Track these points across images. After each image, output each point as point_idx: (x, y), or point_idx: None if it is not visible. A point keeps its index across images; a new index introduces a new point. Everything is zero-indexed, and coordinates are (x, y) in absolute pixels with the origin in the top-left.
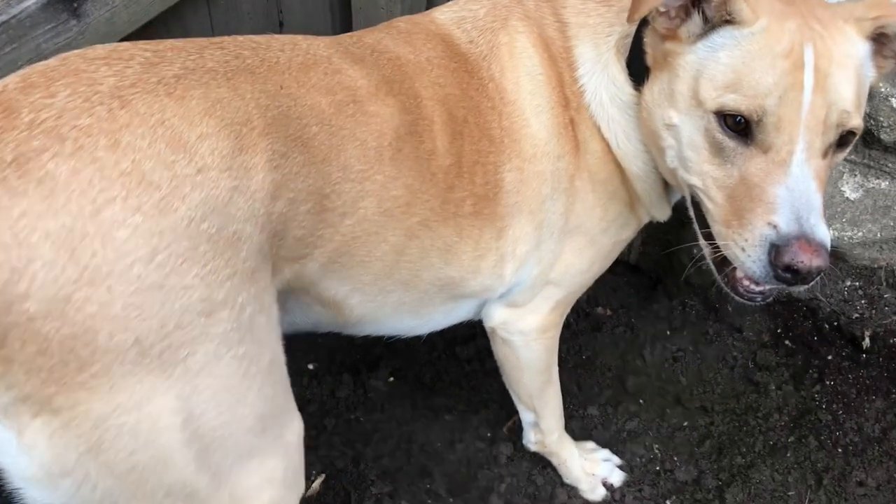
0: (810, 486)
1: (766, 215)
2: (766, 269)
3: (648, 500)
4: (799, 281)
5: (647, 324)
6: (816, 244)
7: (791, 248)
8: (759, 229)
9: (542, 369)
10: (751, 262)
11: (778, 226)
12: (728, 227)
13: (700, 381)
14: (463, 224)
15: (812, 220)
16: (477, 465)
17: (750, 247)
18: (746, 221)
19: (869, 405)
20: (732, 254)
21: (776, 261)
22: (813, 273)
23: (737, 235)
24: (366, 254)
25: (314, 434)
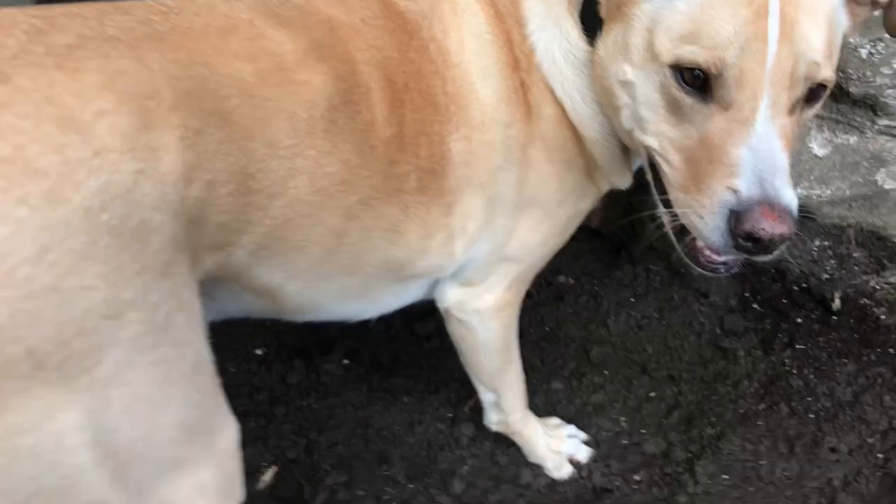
0: (782, 455)
1: (726, 179)
2: (726, 237)
3: (616, 475)
4: (761, 250)
5: (611, 291)
6: (781, 209)
7: (752, 215)
8: (718, 194)
9: (500, 349)
10: (709, 231)
11: (739, 190)
12: (686, 193)
13: (666, 349)
14: (408, 201)
15: (776, 184)
16: (437, 448)
17: (708, 214)
18: (705, 186)
19: (840, 369)
20: (690, 222)
21: (736, 228)
22: (776, 241)
23: (694, 202)
24: (301, 238)
25: (264, 424)
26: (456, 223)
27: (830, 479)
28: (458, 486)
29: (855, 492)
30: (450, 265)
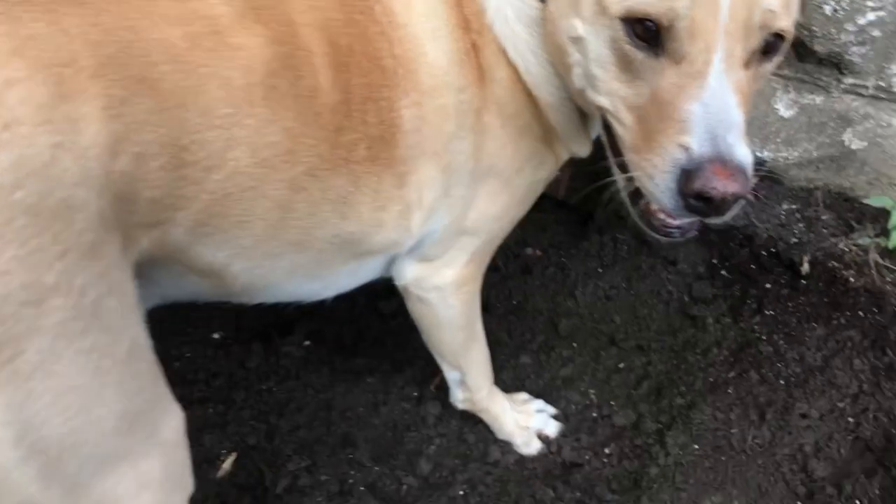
0: (753, 422)
1: (677, 136)
2: (676, 198)
3: (586, 449)
4: (713, 211)
5: (578, 262)
6: (733, 167)
7: (703, 173)
8: (668, 152)
9: (463, 325)
10: (660, 192)
11: (689, 147)
12: (637, 154)
13: (635, 318)
14: (358, 171)
15: (729, 140)
16: (403, 428)
17: (659, 173)
18: (656, 145)
19: (810, 333)
20: (642, 183)
21: (686, 188)
22: (729, 201)
23: (645, 162)
24: (243, 213)
25: (222, 410)
26: (411, 194)
27: (802, 445)
28: (425, 467)
29: (826, 457)
30: (407, 240)
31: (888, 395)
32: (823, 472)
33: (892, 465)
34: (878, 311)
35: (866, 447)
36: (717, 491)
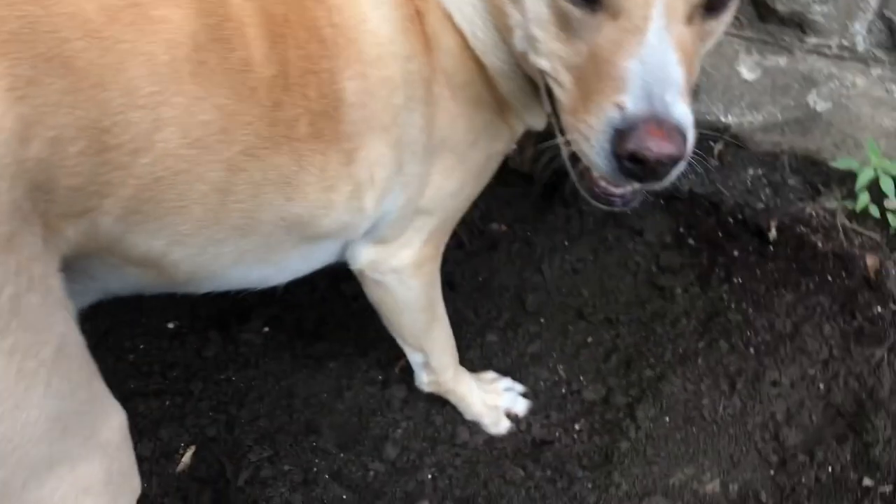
0: (723, 393)
1: (613, 95)
2: (611, 160)
3: (556, 425)
4: (649, 174)
5: (544, 236)
6: (669, 127)
7: (637, 133)
8: (603, 111)
9: (424, 307)
10: (595, 154)
11: (624, 106)
12: (574, 115)
13: (602, 291)
14: (301, 149)
15: (667, 99)
16: (369, 413)
17: (594, 134)
18: (592, 105)
19: (779, 300)
20: (578, 146)
21: (620, 148)
22: (664, 163)
23: (581, 123)
24: (177, 198)
25: (180, 402)
26: (361, 173)
27: (773, 413)
28: (392, 451)
29: (798, 424)
30: (361, 221)
31: (858, 360)
32: (795, 439)
33: (864, 431)
34: (847, 275)
35: (837, 413)
36: (689, 463)
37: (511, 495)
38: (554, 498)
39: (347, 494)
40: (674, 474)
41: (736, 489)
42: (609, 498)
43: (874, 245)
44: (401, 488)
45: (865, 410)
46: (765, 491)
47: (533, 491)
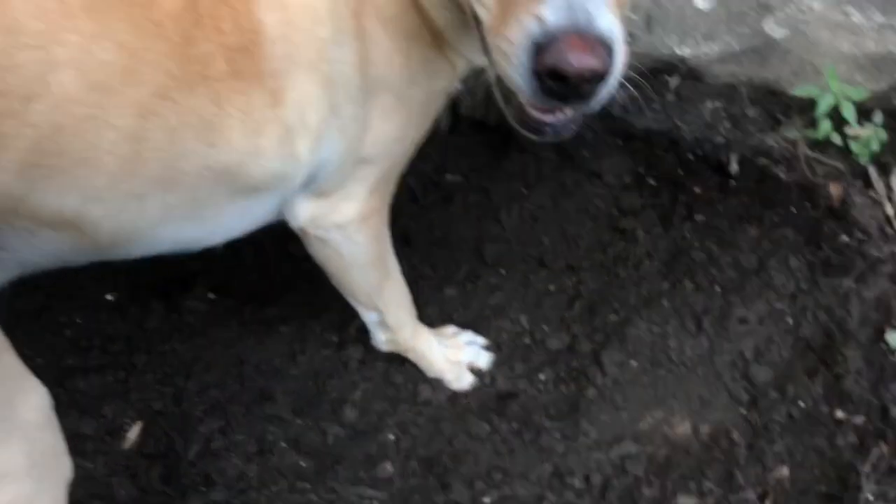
0: (690, 333)
1: (532, 6)
2: (531, 78)
3: (521, 376)
4: (573, 94)
5: (501, 185)
6: (591, 39)
7: (556, 45)
8: (522, 25)
9: (373, 263)
10: (515, 73)
11: (543, 18)
12: (496, 34)
13: (563, 238)
14: (220, 90)
15: (589, 8)
16: (325, 376)
17: (513, 51)
18: (511, 19)
19: (743, 235)
20: (500, 67)
21: (539, 64)
22: (587, 79)
23: (502, 41)
24: (85, 148)
25: (123, 377)
26: (291, 116)
27: (742, 351)
28: (352, 414)
29: (767, 361)
30: (296, 170)
31: (826, 292)
32: (765, 376)
33: (834, 363)
34: (811, 205)
35: (807, 347)
36: (658, 406)
37: (477, 451)
38: (521, 451)
39: (306, 461)
40: (643, 419)
41: (707, 430)
42: (578, 447)
43: (837, 174)
44: (362, 451)
45: (835, 342)
46: (736, 430)
47: (500, 445)
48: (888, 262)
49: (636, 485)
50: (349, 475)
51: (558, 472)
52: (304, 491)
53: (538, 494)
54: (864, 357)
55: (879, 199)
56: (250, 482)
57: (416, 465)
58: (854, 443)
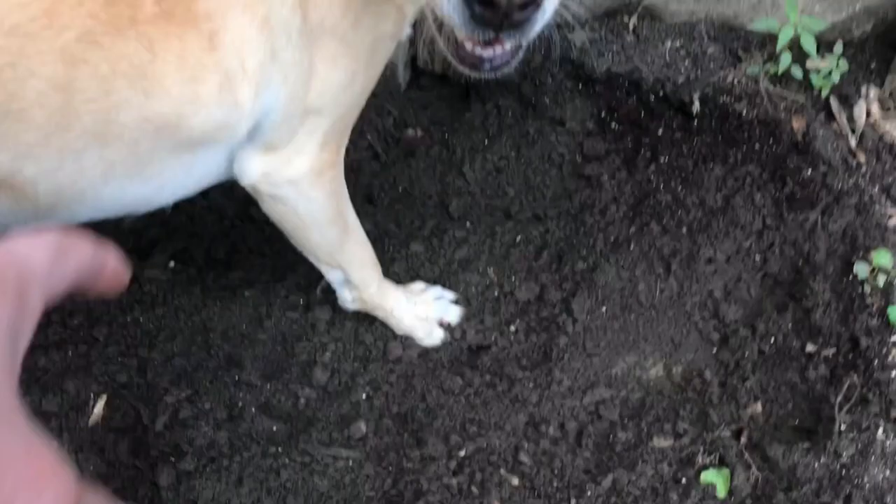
0: (659, 275)
1: None
2: (461, 7)
3: (491, 329)
4: (504, 22)
5: (463, 137)
6: None
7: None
8: None
9: (332, 219)
10: (445, 2)
11: None
12: None
13: (528, 188)
14: (151, 34)
15: None
16: (293, 339)
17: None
18: None
19: (708, 174)
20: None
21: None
22: (517, 5)
23: None
24: (9, 100)
25: (85, 351)
26: (229, 60)
27: (711, 290)
28: (322, 376)
29: (737, 299)
30: (238, 120)
31: (792, 227)
32: (735, 314)
33: (803, 297)
34: (775, 141)
35: (775, 282)
36: (630, 351)
37: (451, 405)
38: (495, 402)
39: (278, 426)
40: (615, 364)
41: (680, 371)
42: (551, 395)
43: (799, 107)
44: (335, 412)
45: (803, 276)
46: (709, 369)
47: (473, 398)
48: (852, 193)
49: (611, 429)
50: (322, 437)
51: (533, 422)
52: (276, 455)
53: (514, 445)
54: (833, 289)
55: (842, 130)
56: (221, 450)
57: (390, 423)
58: (825, 375)
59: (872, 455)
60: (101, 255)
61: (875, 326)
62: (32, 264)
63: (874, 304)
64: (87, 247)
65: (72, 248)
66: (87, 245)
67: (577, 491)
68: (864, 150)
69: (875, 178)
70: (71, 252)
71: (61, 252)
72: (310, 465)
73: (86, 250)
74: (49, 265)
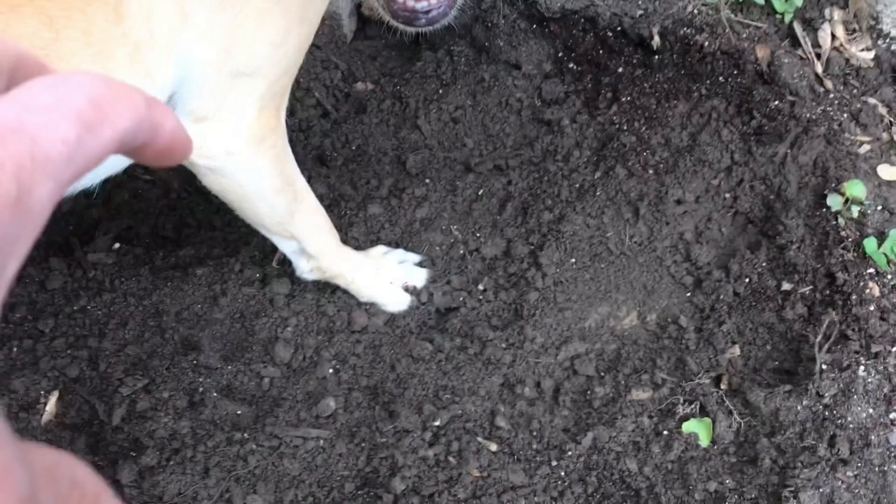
0: (628, 221)
1: None
2: None
3: (459, 290)
4: None
5: (416, 87)
6: None
7: None
8: None
9: (279, 188)
10: None
11: None
12: None
13: (487, 137)
14: (50, 11)
15: None
16: (251, 316)
17: None
18: None
19: (672, 112)
20: None
21: None
22: None
23: None
24: None
25: (30, 345)
26: (137, 30)
27: (682, 233)
28: (285, 352)
29: (708, 240)
30: (151, 91)
31: (761, 161)
32: (708, 256)
33: (776, 234)
34: (739, 71)
35: (747, 220)
36: (603, 301)
37: (422, 374)
38: (467, 367)
39: (242, 409)
40: (588, 316)
41: (654, 318)
42: (525, 354)
43: (763, 35)
44: (301, 390)
45: (775, 212)
46: (684, 315)
47: (444, 364)
48: (822, 122)
49: (588, 385)
50: (290, 417)
51: (508, 383)
52: (243, 441)
53: (490, 409)
54: (806, 224)
55: (807, 56)
56: (184, 440)
57: (360, 397)
58: (803, 313)
59: (855, 394)
60: (157, 108)
61: (851, 260)
62: (46, 146)
63: (849, 237)
64: (139, 99)
65: (116, 104)
66: (138, 96)
67: (557, 452)
68: (830, 76)
69: (843, 104)
70: (114, 109)
71: (98, 112)
72: (278, 448)
73: (137, 104)
74: (76, 139)
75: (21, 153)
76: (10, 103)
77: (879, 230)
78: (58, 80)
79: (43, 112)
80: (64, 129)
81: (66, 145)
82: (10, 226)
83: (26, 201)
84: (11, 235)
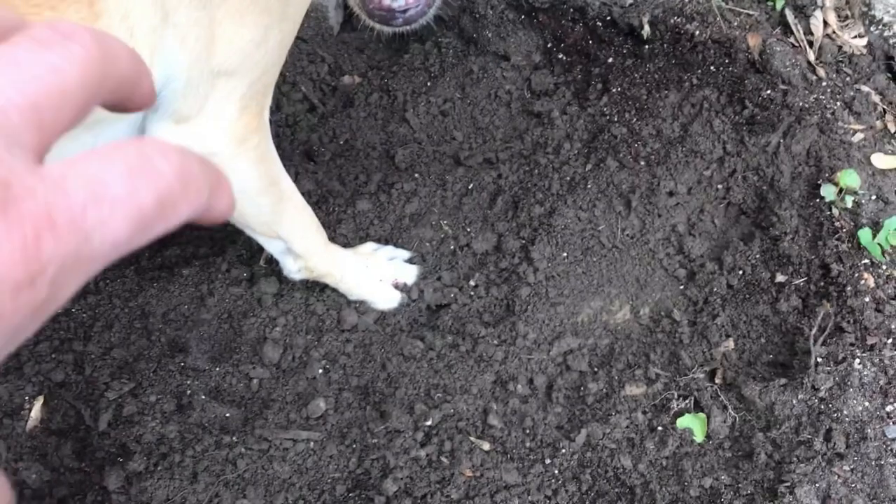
0: (619, 214)
1: None
2: None
3: (450, 286)
4: None
5: (404, 80)
6: None
7: None
8: None
9: (263, 188)
10: None
11: None
12: None
13: (477, 130)
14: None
15: None
16: (239, 316)
17: None
18: None
19: (663, 102)
20: None
21: None
22: None
23: None
24: None
25: (13, 353)
26: (115, 30)
27: (674, 225)
28: (274, 353)
29: (701, 232)
30: None
31: (754, 151)
32: (701, 248)
33: (770, 225)
34: (730, 60)
35: (740, 212)
36: (595, 295)
37: (413, 372)
38: (459, 364)
39: (230, 412)
40: (581, 311)
41: (647, 312)
42: (517, 351)
43: (754, 23)
44: (290, 391)
45: (768, 203)
46: (677, 308)
47: (436, 362)
48: (814, 110)
49: (582, 381)
50: (280, 419)
51: (501, 381)
52: (231, 445)
53: (482, 407)
54: (800, 215)
55: (800, 44)
56: (172, 444)
57: (351, 397)
58: (798, 305)
59: (850, 387)
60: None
61: (845, 251)
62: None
63: (843, 228)
64: (124, 50)
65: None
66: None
67: (550, 450)
68: (823, 63)
69: (836, 92)
70: (175, 209)
71: (161, 212)
72: (268, 451)
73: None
74: (126, 241)
75: (68, 253)
76: (80, 174)
77: (874, 220)
78: (141, 159)
79: (108, 204)
80: (120, 230)
81: (114, 248)
82: (23, 324)
83: (51, 305)
84: (22, 328)
